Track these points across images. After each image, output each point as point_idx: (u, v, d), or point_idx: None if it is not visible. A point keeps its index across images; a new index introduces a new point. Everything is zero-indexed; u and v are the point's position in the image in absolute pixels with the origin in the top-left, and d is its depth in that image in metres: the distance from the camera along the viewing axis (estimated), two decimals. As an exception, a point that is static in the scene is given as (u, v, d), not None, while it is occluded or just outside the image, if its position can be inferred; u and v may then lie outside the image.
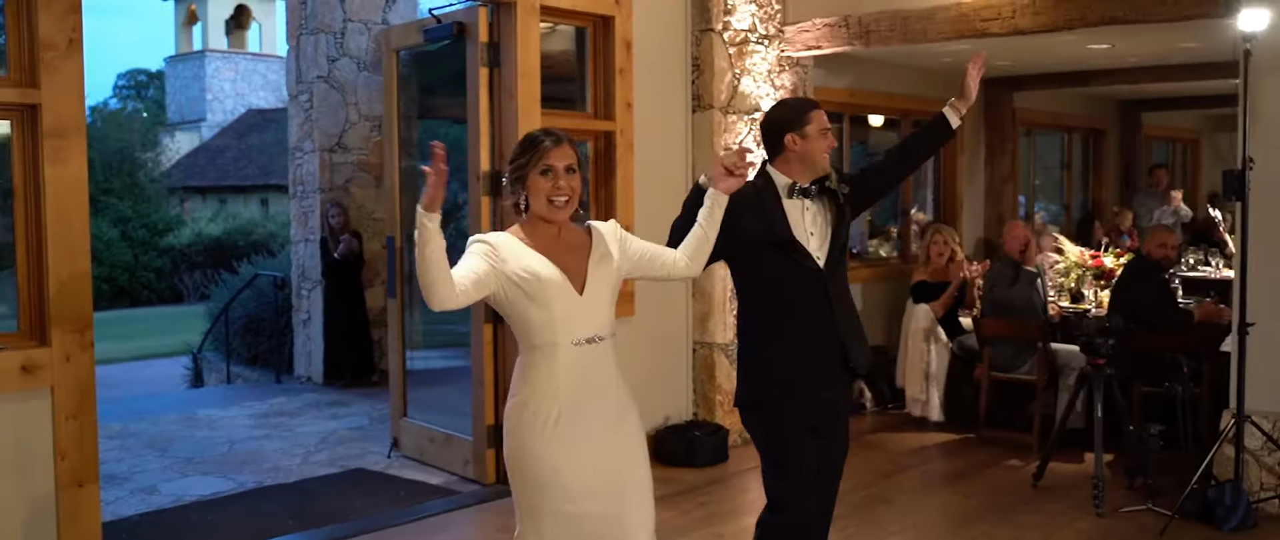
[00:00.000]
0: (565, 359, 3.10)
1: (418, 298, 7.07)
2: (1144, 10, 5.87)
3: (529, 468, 3.10)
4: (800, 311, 3.70)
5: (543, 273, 3.09)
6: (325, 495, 6.18)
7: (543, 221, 3.15)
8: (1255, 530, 5.33)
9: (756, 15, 7.00)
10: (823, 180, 3.73)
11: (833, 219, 3.76)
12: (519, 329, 3.15)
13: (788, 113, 3.82)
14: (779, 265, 3.68)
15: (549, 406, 3.08)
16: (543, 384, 3.09)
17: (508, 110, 5.97)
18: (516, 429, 3.12)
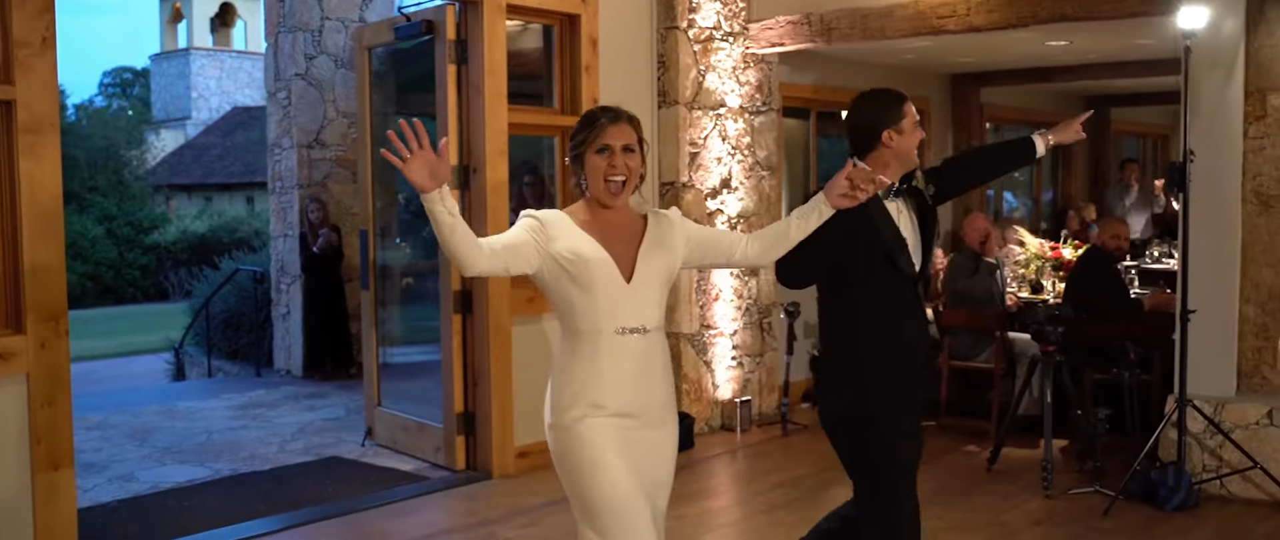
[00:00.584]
0: (608, 347, 2.97)
1: (392, 292, 7.28)
2: (1091, 7, 6.07)
3: (572, 454, 2.99)
4: (901, 320, 3.53)
5: (589, 255, 2.97)
6: (299, 482, 6.34)
7: (599, 204, 3.02)
8: (1196, 510, 5.52)
9: (721, 13, 7.17)
10: (910, 177, 3.54)
11: (918, 220, 3.58)
12: (561, 312, 3.04)
13: (882, 107, 3.55)
14: (880, 273, 3.50)
15: (591, 394, 2.97)
16: (584, 371, 2.98)
17: (475, 106, 6.14)
18: (557, 421, 3.01)
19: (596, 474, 2.95)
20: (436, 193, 2.75)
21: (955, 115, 10.27)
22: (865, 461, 3.55)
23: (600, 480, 2.95)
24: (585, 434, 2.96)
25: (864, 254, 3.45)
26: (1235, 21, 5.65)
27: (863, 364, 3.50)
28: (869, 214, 3.39)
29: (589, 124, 3.01)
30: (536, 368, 6.44)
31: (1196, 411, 5.70)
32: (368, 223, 7.10)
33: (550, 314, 6.39)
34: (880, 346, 3.50)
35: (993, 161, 3.98)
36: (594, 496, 2.96)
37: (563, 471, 3.04)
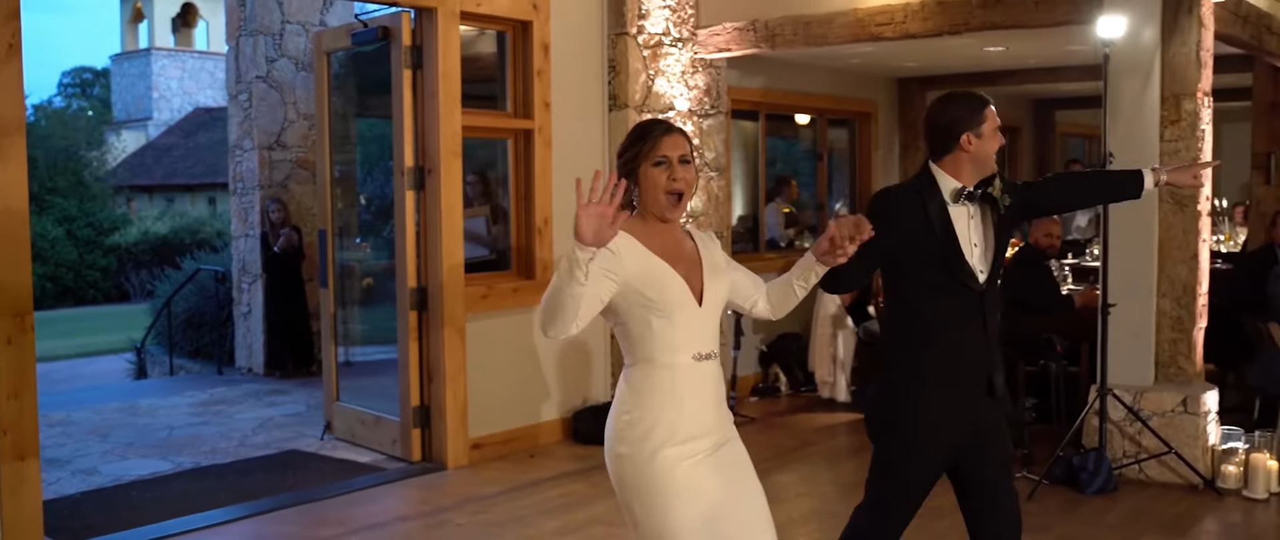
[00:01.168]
0: (685, 375, 2.88)
1: (352, 291, 7.48)
2: (1018, 16, 6.37)
3: (654, 490, 2.85)
4: (954, 333, 3.39)
5: (667, 280, 2.86)
6: (259, 473, 6.53)
7: (657, 218, 2.90)
8: (1115, 493, 5.82)
9: (670, 19, 7.42)
10: (987, 184, 3.39)
11: (994, 229, 3.44)
12: (635, 339, 2.89)
13: (964, 110, 3.43)
14: (937, 280, 3.38)
15: (673, 425, 2.85)
16: (664, 400, 2.86)
17: (430, 109, 6.36)
18: (635, 452, 2.86)
19: (672, 512, 2.83)
20: (591, 252, 2.60)
21: (902, 118, 10.57)
22: (880, 463, 3.54)
23: (678, 518, 2.83)
24: (664, 468, 2.85)
25: (917, 257, 3.38)
26: (1152, 30, 5.96)
27: (901, 373, 3.46)
28: (926, 216, 3.35)
29: (642, 136, 2.89)
30: (490, 363, 6.68)
31: (1117, 400, 6.01)
32: (326, 223, 7.29)
33: (505, 310, 6.66)
34: (923, 360, 3.40)
35: (1096, 190, 3.94)
36: (668, 533, 2.84)
37: (640, 502, 2.88)
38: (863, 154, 10.24)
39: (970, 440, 3.45)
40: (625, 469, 2.88)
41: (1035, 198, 3.64)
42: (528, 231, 6.92)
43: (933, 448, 3.43)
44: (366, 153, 8.39)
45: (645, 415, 2.85)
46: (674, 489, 2.84)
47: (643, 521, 2.87)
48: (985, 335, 3.39)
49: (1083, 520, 5.42)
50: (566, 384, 7.17)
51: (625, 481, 2.89)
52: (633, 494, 2.88)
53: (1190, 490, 5.85)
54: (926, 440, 3.42)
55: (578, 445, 6.98)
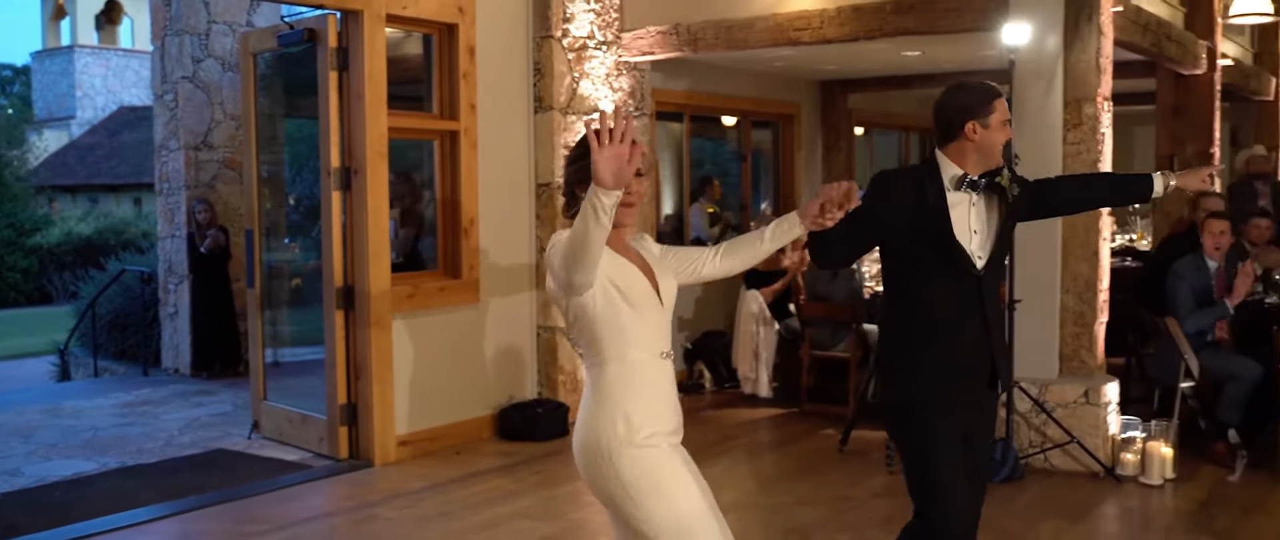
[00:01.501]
0: (656, 371, 3.00)
1: (280, 291, 7.52)
2: (929, 23, 6.60)
3: (649, 477, 2.93)
4: (951, 319, 3.43)
5: (634, 277, 2.98)
6: (186, 472, 6.56)
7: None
8: (1021, 481, 6.06)
9: (594, 23, 7.55)
10: (993, 175, 3.44)
11: (999, 219, 3.48)
12: (607, 336, 2.96)
13: (972, 99, 3.44)
14: (933, 265, 3.42)
15: (653, 418, 2.96)
16: (647, 393, 2.97)
17: (356, 111, 6.43)
18: (635, 447, 2.93)
19: (678, 495, 2.93)
20: (613, 196, 2.62)
21: (824, 119, 10.81)
22: (906, 462, 3.57)
23: (684, 500, 2.94)
24: (659, 457, 2.94)
25: (911, 240, 3.42)
26: (1055, 38, 6.21)
27: (899, 359, 3.50)
28: (923, 200, 3.39)
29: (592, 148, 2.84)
30: (417, 361, 6.77)
31: (1023, 392, 6.26)
32: (253, 223, 7.33)
33: (431, 308, 6.75)
34: (920, 344, 3.44)
35: (1107, 192, 3.99)
36: (684, 517, 2.93)
37: (650, 495, 2.93)
38: (786, 155, 10.47)
39: (974, 427, 3.50)
40: (627, 465, 2.92)
41: (1045, 197, 3.67)
42: (454, 232, 7.01)
43: (951, 428, 3.43)
44: (295, 153, 8.43)
45: (634, 411, 2.93)
46: (678, 473, 2.95)
47: (654, 512, 2.91)
48: (984, 323, 3.43)
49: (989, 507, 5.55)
50: (493, 382, 7.28)
51: (629, 477, 2.92)
52: (640, 490, 2.91)
53: (1091, 477, 6.12)
54: (944, 424, 3.42)
55: (504, 442, 7.09)
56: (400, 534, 5.37)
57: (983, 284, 3.41)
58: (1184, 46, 8.09)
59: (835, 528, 5.36)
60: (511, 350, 7.40)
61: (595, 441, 2.96)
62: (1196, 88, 8.75)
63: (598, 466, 2.97)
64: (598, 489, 3.02)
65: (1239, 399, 6.36)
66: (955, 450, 3.44)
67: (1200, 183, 3.77)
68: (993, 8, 6.34)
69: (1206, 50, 8.62)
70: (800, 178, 10.53)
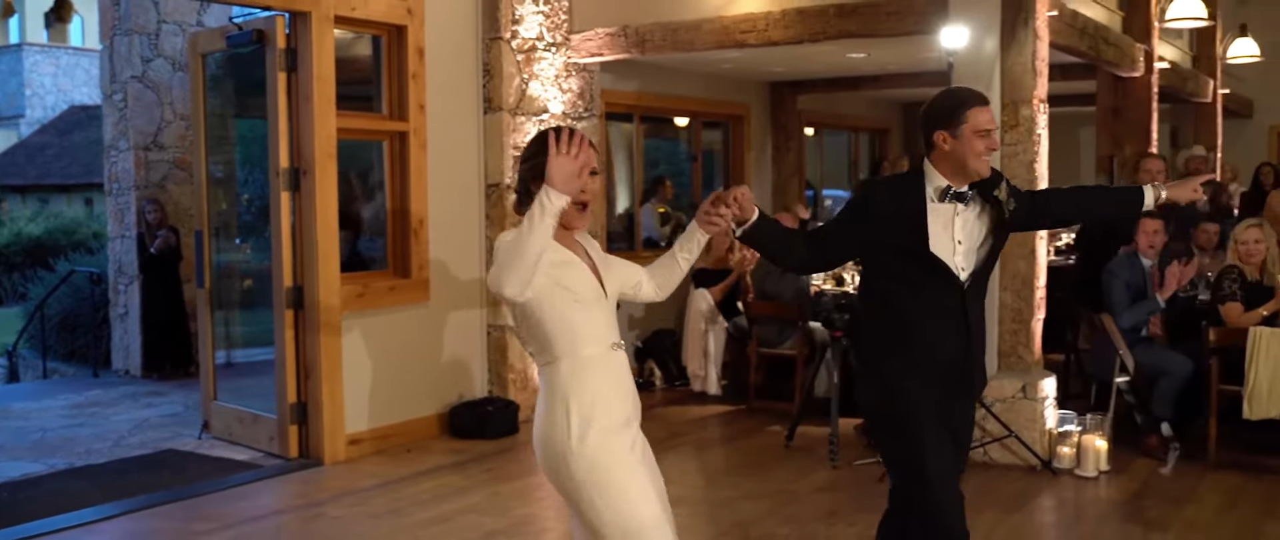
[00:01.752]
0: (605, 363, 3.07)
1: (231, 292, 7.54)
2: (871, 26, 6.74)
3: (613, 472, 3.01)
4: (930, 326, 3.41)
5: (580, 272, 3.05)
6: (134, 473, 6.56)
7: (560, 226, 2.99)
8: (961, 475, 6.18)
9: (544, 25, 7.63)
10: (989, 188, 3.40)
11: (989, 231, 3.45)
12: (558, 334, 3.04)
13: (941, 106, 3.41)
14: (912, 274, 3.39)
15: (605, 412, 3.03)
16: (597, 388, 3.03)
17: (304, 112, 6.47)
18: (585, 443, 2.99)
19: (629, 497, 3.00)
20: (561, 199, 2.79)
21: (774, 120, 10.95)
22: (893, 462, 3.57)
23: (635, 503, 3.00)
24: (610, 458, 3.00)
25: (888, 248, 3.40)
26: (993, 41, 6.35)
27: (876, 362, 3.50)
28: (901, 209, 3.37)
29: (547, 147, 2.89)
30: (368, 360, 6.82)
31: (963, 388, 6.39)
32: (203, 223, 7.34)
33: (381, 308, 6.80)
34: (897, 350, 3.43)
35: (1098, 204, 3.94)
36: (630, 511, 3.00)
37: (601, 492, 3.00)
38: (736, 155, 10.60)
39: (953, 429, 3.51)
40: (578, 463, 2.99)
41: (1039, 209, 3.61)
42: (404, 232, 7.06)
43: (943, 434, 3.44)
44: (246, 153, 8.43)
45: (584, 406, 3.00)
46: (629, 467, 3.02)
47: (606, 509, 2.99)
48: (967, 331, 3.40)
49: (928, 500, 5.77)
50: (443, 380, 7.33)
51: (580, 475, 2.99)
52: (589, 483, 2.99)
53: (1028, 471, 6.27)
54: (936, 431, 3.42)
55: (455, 440, 7.15)
56: (348, 531, 5.42)
57: (966, 294, 3.39)
58: (1121, 50, 8.28)
59: (777, 521, 5.47)
60: (462, 349, 7.46)
61: (550, 439, 3.04)
62: (1134, 90, 8.96)
63: (553, 463, 3.06)
64: (555, 484, 3.10)
65: (1171, 393, 6.54)
66: (947, 453, 3.45)
67: (1191, 193, 3.67)
68: (932, 11, 6.48)
69: (1144, 53, 8.83)
70: (751, 177, 10.66)
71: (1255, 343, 6.10)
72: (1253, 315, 6.27)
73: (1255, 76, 13.40)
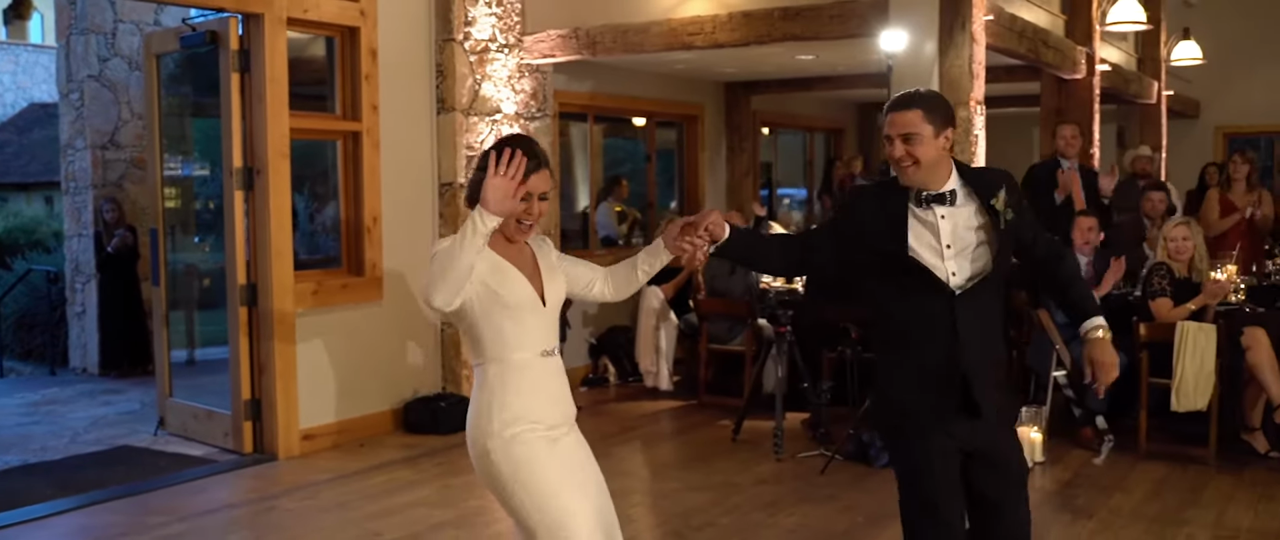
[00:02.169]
0: (536, 370, 3.15)
1: (188, 290, 7.61)
2: (815, 29, 6.91)
3: (531, 469, 3.09)
4: (915, 331, 3.31)
5: (515, 280, 3.13)
6: (89, 469, 6.63)
7: (503, 236, 3.14)
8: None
9: (496, 26, 7.75)
10: (987, 193, 3.30)
11: (987, 239, 3.30)
12: (488, 341, 3.13)
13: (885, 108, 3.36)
14: (896, 277, 3.31)
15: (530, 413, 3.12)
16: (522, 391, 3.12)
17: (258, 112, 6.56)
18: (505, 441, 3.10)
19: (545, 488, 3.09)
20: (493, 220, 2.90)
21: (728, 120, 11.11)
22: (896, 472, 3.50)
23: (558, 492, 3.10)
24: (527, 451, 3.10)
25: (871, 254, 3.34)
26: (932, 44, 6.54)
27: (879, 374, 3.47)
28: (885, 214, 3.32)
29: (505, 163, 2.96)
30: (321, 357, 6.92)
31: (903, 382, 6.56)
32: (158, 222, 7.42)
33: (335, 305, 6.90)
34: (890, 360, 3.40)
35: (1052, 291, 3.73)
36: (552, 506, 3.09)
37: (522, 487, 3.10)
38: (690, 155, 10.75)
39: (975, 453, 3.34)
40: (499, 461, 3.09)
41: (1027, 243, 3.45)
42: (357, 230, 7.17)
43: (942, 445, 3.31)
44: (203, 152, 8.50)
45: (507, 406, 3.09)
46: (547, 466, 3.11)
47: (527, 502, 3.09)
48: (953, 340, 3.25)
49: (865, 491, 5.95)
50: (396, 376, 7.44)
51: (501, 470, 3.09)
52: (510, 478, 3.09)
53: (965, 461, 6.44)
54: (931, 440, 3.32)
55: (407, 435, 7.27)
56: (299, 523, 5.53)
57: (957, 301, 3.26)
58: (1062, 52, 8.49)
59: (719, 511, 5.62)
60: (415, 346, 7.57)
61: (474, 433, 3.17)
62: (1077, 91, 9.18)
63: (477, 457, 3.18)
64: (483, 479, 3.22)
65: (1104, 386, 6.73)
66: (946, 466, 3.32)
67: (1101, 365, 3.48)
68: (873, 15, 6.65)
69: (1085, 56, 9.04)
70: (705, 178, 10.81)
71: (1182, 338, 6.31)
72: (1180, 310, 6.47)
73: (1202, 78, 13.70)
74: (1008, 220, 3.28)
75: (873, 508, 5.64)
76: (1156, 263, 6.72)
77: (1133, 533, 5.23)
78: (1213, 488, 5.94)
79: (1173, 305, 6.53)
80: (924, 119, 3.22)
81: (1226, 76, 13.97)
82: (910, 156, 3.22)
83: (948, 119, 3.28)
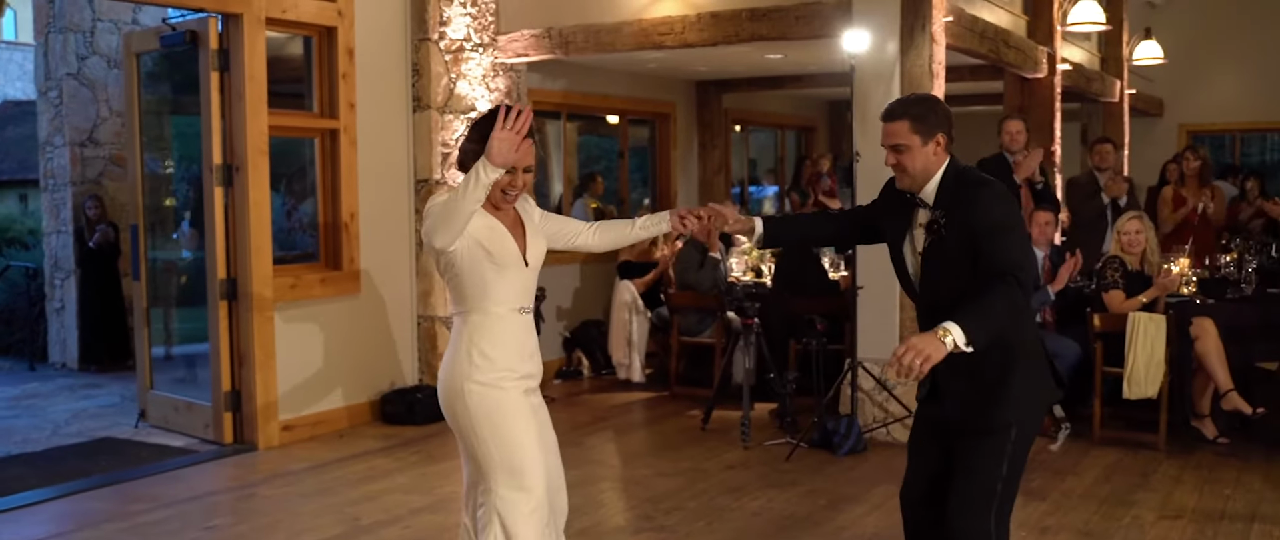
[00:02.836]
0: (514, 324, 3.42)
1: (168, 285, 7.74)
2: (781, 29, 7.11)
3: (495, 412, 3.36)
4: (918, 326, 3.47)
5: (504, 238, 3.38)
6: (72, 460, 6.77)
7: (490, 203, 3.37)
8: (864, 453, 6.59)
9: (471, 26, 7.92)
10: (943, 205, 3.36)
11: (929, 248, 3.40)
12: (473, 293, 3.38)
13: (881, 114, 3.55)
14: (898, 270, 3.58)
15: (507, 361, 3.38)
16: (502, 341, 3.38)
17: (237, 110, 6.72)
18: (484, 382, 3.36)
19: (514, 435, 3.37)
20: (495, 172, 3.14)
21: (700, 118, 11.31)
22: None
23: (519, 441, 3.37)
24: (502, 397, 3.38)
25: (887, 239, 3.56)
26: (894, 44, 6.74)
27: None
28: (901, 207, 3.47)
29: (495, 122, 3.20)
30: (300, 350, 7.08)
31: (866, 372, 6.79)
32: (138, 218, 7.56)
33: (314, 299, 7.06)
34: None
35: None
36: (515, 450, 3.36)
37: (489, 423, 3.36)
38: (663, 152, 10.95)
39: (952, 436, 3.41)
40: (473, 399, 3.36)
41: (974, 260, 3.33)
42: (335, 225, 7.33)
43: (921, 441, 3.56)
44: (182, 149, 8.62)
45: (485, 355, 3.36)
46: (518, 409, 3.41)
47: (494, 442, 3.36)
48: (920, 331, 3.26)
49: (828, 477, 6.16)
50: (374, 369, 7.61)
51: (474, 410, 3.36)
52: (481, 419, 3.36)
53: (926, 448, 6.66)
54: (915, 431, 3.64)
55: (385, 426, 7.43)
56: (279, 509, 5.69)
57: (921, 304, 3.43)
58: (1023, 52, 8.72)
59: (687, 496, 5.82)
60: (392, 338, 7.73)
61: (449, 376, 3.43)
62: (1038, 90, 9.40)
63: (449, 399, 3.44)
64: (451, 421, 3.47)
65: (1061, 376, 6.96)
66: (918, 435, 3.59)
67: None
68: (837, 16, 6.85)
69: (1047, 55, 9.27)
70: (676, 174, 11.01)
71: (1134, 328, 6.55)
72: (1132, 302, 6.71)
73: (1165, 77, 13.98)
74: (941, 225, 3.33)
75: (834, 492, 5.85)
76: (1110, 256, 6.95)
77: (1082, 513, 5.45)
78: (1161, 471, 6.18)
79: (1125, 297, 6.76)
80: (911, 130, 3.35)
81: (1190, 75, 14.26)
82: (899, 165, 3.39)
83: (937, 126, 3.36)
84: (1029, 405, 3.37)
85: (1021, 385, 3.33)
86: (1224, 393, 6.55)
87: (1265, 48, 13.93)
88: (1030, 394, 3.36)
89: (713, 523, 5.37)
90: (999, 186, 3.37)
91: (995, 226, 3.25)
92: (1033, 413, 3.42)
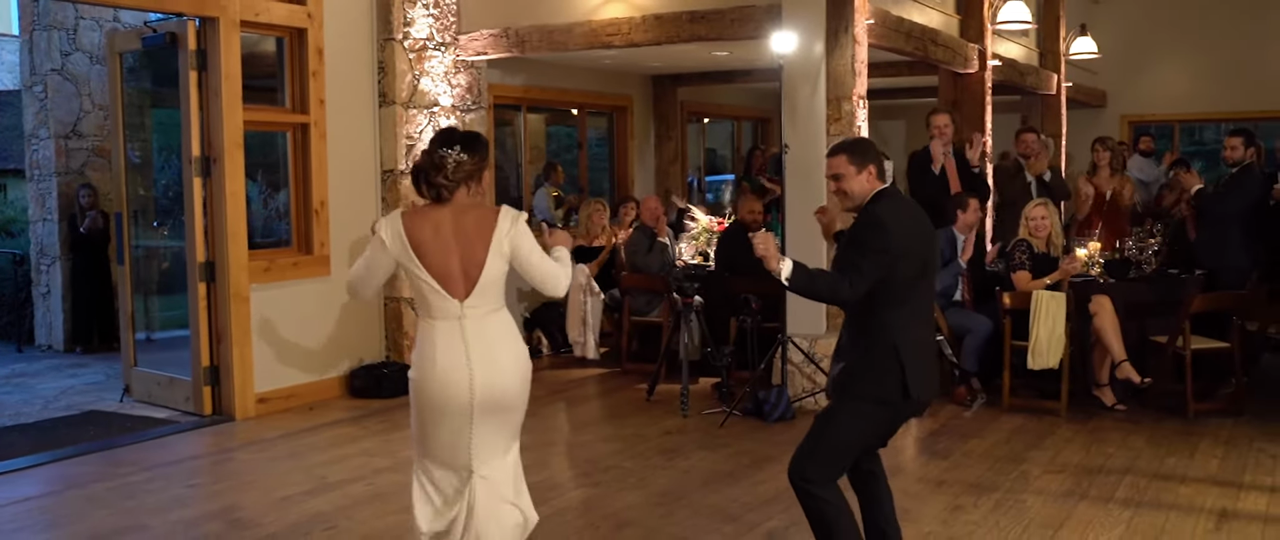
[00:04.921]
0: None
1: (153, 270, 8.28)
2: (719, 30, 7.70)
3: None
4: None
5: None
6: (62, 430, 7.32)
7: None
8: (793, 421, 7.19)
9: (433, 26, 8.47)
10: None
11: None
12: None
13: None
14: None
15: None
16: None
17: (214, 107, 7.26)
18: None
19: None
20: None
21: (656, 111, 11.89)
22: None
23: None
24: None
25: None
26: (820, 45, 7.33)
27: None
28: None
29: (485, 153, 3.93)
30: (275, 328, 7.64)
31: (795, 346, 7.39)
32: (123, 207, 8.09)
33: (287, 280, 7.64)
34: None
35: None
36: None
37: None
38: (621, 143, 11.53)
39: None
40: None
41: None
42: (306, 213, 7.88)
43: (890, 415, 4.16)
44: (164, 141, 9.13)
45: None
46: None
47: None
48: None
49: (757, 440, 6.76)
50: (344, 346, 8.17)
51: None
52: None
53: (848, 415, 7.27)
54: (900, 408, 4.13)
55: (354, 399, 8.01)
56: (254, 470, 6.27)
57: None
58: (952, 49, 9.33)
59: (624, 457, 6.41)
60: (360, 318, 8.30)
61: (524, 361, 4.07)
62: (970, 85, 10.02)
63: (525, 382, 4.06)
64: (518, 400, 4.03)
65: (975, 349, 7.59)
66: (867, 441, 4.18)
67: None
68: (768, 18, 7.44)
69: (977, 52, 9.89)
70: (634, 166, 11.59)
71: (1037, 305, 7.17)
72: (1039, 282, 7.33)
73: (1108, 70, 14.65)
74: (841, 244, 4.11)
75: (759, 452, 6.46)
76: (1018, 239, 7.57)
77: (977, 469, 6.07)
78: (1057, 434, 6.81)
79: (1032, 278, 7.38)
80: (848, 161, 4.05)
81: (1132, 68, 14.94)
82: (840, 190, 4.09)
83: (868, 160, 4.04)
84: (868, 392, 4.04)
85: (867, 376, 4.05)
86: (1118, 363, 7.18)
87: (1206, 41, 14.62)
88: (873, 384, 4.03)
89: (645, 478, 5.97)
90: (885, 215, 3.97)
91: (852, 239, 4.04)
92: (872, 400, 4.04)
